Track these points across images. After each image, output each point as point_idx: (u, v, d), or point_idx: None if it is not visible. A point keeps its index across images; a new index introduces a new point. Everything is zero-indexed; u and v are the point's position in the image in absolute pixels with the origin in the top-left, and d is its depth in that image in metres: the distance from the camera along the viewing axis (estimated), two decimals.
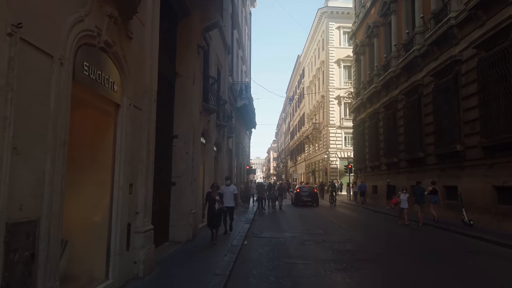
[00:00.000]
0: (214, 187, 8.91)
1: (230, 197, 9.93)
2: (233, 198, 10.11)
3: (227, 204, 9.57)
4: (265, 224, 13.77)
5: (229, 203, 9.87)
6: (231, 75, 17.53)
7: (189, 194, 8.61)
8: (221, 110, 13.60)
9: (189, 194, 8.60)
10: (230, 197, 9.96)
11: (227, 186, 10.22)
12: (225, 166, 15.70)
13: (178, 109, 8.66)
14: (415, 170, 17.30)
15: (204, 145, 11.51)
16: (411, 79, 17.51)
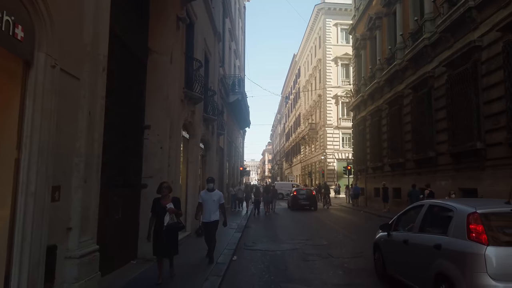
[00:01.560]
0: (164, 188, 5.44)
1: (212, 207, 6.85)
2: (217, 210, 6.93)
3: (207, 218, 6.91)
4: (259, 231, 12.08)
5: (211, 216, 6.89)
6: (222, 66, 15.87)
7: None
8: (210, 101, 11.91)
9: None
10: (213, 207, 6.85)
11: (209, 192, 6.92)
12: (214, 166, 13.99)
13: (151, 93, 6.96)
14: (424, 171, 15.73)
15: (188, 141, 9.82)
16: (419, 72, 15.96)
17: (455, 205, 4.48)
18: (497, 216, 4.09)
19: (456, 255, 4.00)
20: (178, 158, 7.98)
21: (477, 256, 3.71)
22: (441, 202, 5.19)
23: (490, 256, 3.66)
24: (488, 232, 3.82)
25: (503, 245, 3.76)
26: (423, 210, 5.11)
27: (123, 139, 6.05)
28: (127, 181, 6.30)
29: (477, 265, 3.71)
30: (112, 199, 5.63)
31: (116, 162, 5.84)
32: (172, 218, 5.33)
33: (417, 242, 4.87)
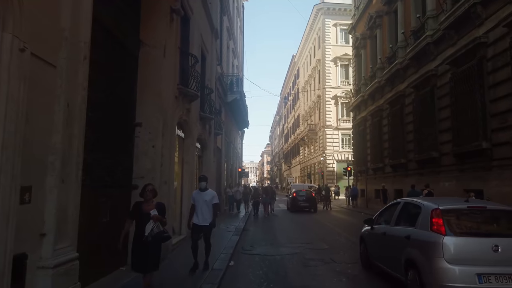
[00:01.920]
0: (148, 191, 4.71)
1: (204, 208, 6.16)
2: (211, 212, 6.22)
3: (201, 221, 6.21)
4: (258, 234, 11.66)
5: (204, 219, 6.19)
6: (220, 65, 15.48)
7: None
8: (206, 100, 11.51)
9: None
10: (205, 209, 6.16)
11: (201, 192, 6.24)
12: (212, 167, 13.58)
13: (143, 89, 6.55)
14: (427, 172, 15.34)
15: (183, 140, 9.41)
16: (422, 70, 15.59)
17: (423, 202, 5.26)
18: (455, 212, 4.84)
19: (421, 244, 4.75)
20: (172, 158, 7.57)
21: (437, 244, 4.43)
22: (413, 199, 5.90)
23: (447, 244, 4.38)
24: (447, 225, 4.56)
25: (458, 235, 4.52)
26: (399, 207, 5.93)
27: (111, 136, 5.65)
28: (116, 182, 5.88)
29: (436, 252, 4.40)
30: (99, 200, 5.22)
31: (104, 161, 5.43)
32: (157, 226, 4.51)
33: (392, 234, 5.65)
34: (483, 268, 4.26)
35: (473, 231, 4.74)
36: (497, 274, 4.21)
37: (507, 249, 4.32)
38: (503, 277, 4.19)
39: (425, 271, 4.50)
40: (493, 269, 4.26)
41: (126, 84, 6.19)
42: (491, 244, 4.34)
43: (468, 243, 4.47)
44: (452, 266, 4.29)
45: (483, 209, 4.98)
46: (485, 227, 4.85)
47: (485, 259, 4.32)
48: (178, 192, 9.24)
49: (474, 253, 4.38)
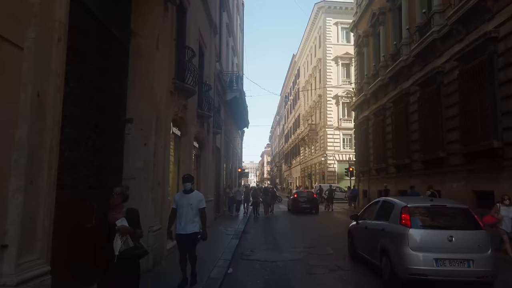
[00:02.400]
0: (115, 195, 3.84)
1: (189, 214, 5.25)
2: (197, 217, 5.32)
3: (185, 228, 5.27)
4: (258, 237, 11.15)
5: (187, 225, 5.27)
6: (219, 61, 14.98)
7: (149, 204, 5.98)
8: (205, 97, 11.01)
9: (148, 204, 5.97)
10: (190, 214, 5.25)
11: (185, 195, 5.33)
12: (210, 167, 13.07)
13: (134, 82, 6.05)
14: (433, 173, 14.83)
15: (179, 138, 8.90)
16: (428, 67, 15.08)
17: (396, 201, 6.30)
18: (420, 209, 5.89)
19: (392, 235, 5.75)
20: (166, 157, 7.06)
21: (404, 235, 5.37)
22: (390, 198, 7.01)
23: (411, 235, 5.33)
24: (412, 219, 5.52)
25: (420, 228, 5.52)
26: (378, 204, 7.00)
27: (98, 133, 5.14)
28: (104, 183, 5.37)
29: (403, 241, 5.33)
30: (82, 204, 4.71)
31: (89, 160, 4.92)
32: (125, 241, 3.43)
33: (372, 227, 6.72)
34: (439, 254, 5.21)
35: (433, 225, 5.74)
36: (451, 259, 5.18)
37: (459, 240, 5.30)
38: (455, 261, 5.18)
39: (395, 257, 5.51)
40: (447, 255, 5.20)
41: (115, 76, 5.68)
42: (447, 235, 5.31)
43: (429, 234, 5.49)
44: (415, 253, 5.24)
45: (443, 206, 6.11)
46: (443, 221, 5.79)
47: (441, 247, 5.26)
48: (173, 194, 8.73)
49: (433, 242, 5.35)
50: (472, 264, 5.14)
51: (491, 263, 5.24)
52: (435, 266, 5.13)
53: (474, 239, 5.37)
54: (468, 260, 5.16)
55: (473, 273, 5.14)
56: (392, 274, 5.48)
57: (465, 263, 5.16)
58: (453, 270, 5.13)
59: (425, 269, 5.14)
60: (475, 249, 5.26)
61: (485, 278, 5.18)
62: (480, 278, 5.17)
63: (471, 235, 5.42)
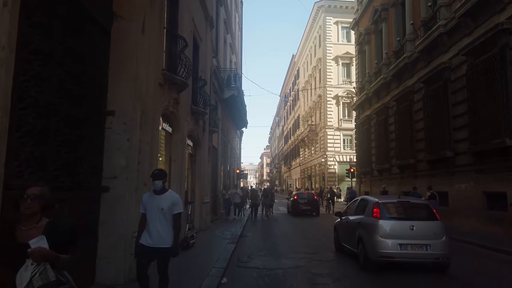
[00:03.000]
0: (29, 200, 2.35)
1: (160, 223, 4.01)
2: (170, 228, 4.05)
3: (153, 240, 4.01)
4: (256, 242, 10.48)
5: (159, 238, 4.00)
6: (215, 57, 14.35)
7: (132, 207, 5.33)
8: (200, 92, 10.38)
9: (131, 207, 5.32)
10: (162, 223, 4.01)
11: (156, 196, 4.11)
12: (206, 167, 12.42)
13: (116, 70, 5.41)
14: (439, 173, 14.21)
15: (171, 135, 8.25)
16: (433, 63, 14.48)
17: (370, 198, 7.62)
18: (388, 204, 7.01)
19: (366, 225, 6.83)
20: (154, 155, 6.42)
21: (374, 225, 6.52)
22: (366, 197, 8.86)
23: (381, 225, 6.47)
24: (381, 212, 6.66)
25: (388, 219, 6.63)
26: (357, 202, 8.24)
27: (71, 125, 4.50)
28: (79, 183, 4.73)
29: (374, 230, 6.47)
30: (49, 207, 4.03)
31: (60, 156, 4.28)
32: (42, 272, 2.16)
33: (351, 221, 7.75)
34: (403, 240, 6.33)
35: (398, 217, 6.86)
36: (412, 244, 6.32)
37: (418, 228, 6.44)
38: (415, 246, 6.32)
39: (367, 243, 6.59)
40: (409, 241, 6.33)
41: (93, 62, 5.04)
42: (409, 225, 6.45)
43: (394, 224, 6.64)
44: (384, 239, 6.36)
45: (407, 202, 7.46)
46: (406, 214, 6.92)
47: (404, 235, 6.39)
48: None
49: (397, 230, 6.49)
50: (429, 248, 6.34)
51: (446, 247, 6.40)
52: (399, 250, 6.31)
53: (431, 228, 6.56)
54: (426, 245, 6.36)
55: (430, 256, 6.35)
56: (365, 257, 6.64)
57: (424, 247, 6.35)
58: (414, 253, 6.32)
59: (391, 253, 6.32)
60: (432, 236, 6.43)
61: (440, 260, 6.34)
62: (436, 259, 6.35)
63: (429, 225, 6.62)
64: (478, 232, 11.01)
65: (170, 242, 4.04)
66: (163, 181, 4.12)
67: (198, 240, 9.37)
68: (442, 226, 6.63)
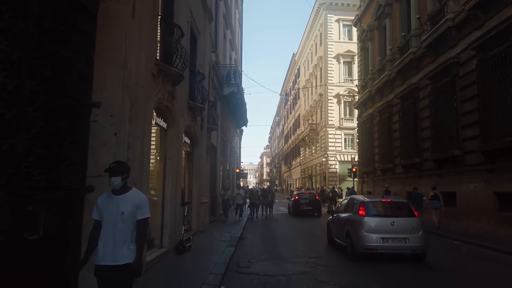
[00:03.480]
0: None
1: (120, 232, 3.07)
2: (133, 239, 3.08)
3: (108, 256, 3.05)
4: (257, 245, 9.96)
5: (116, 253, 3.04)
6: (214, 52, 13.82)
7: None
8: (198, 87, 9.85)
9: None
10: (121, 232, 3.06)
11: (114, 196, 3.24)
12: (204, 166, 11.90)
13: (102, 57, 4.88)
14: (446, 173, 13.69)
15: (166, 131, 7.73)
16: (440, 59, 13.96)
17: (358, 198, 8.63)
18: (372, 203, 8.02)
19: (353, 222, 7.72)
20: (145, 152, 5.90)
21: (360, 221, 7.44)
22: (354, 196, 9.92)
23: (366, 221, 7.38)
24: (366, 210, 7.61)
25: (372, 216, 7.52)
26: (347, 201, 9.13)
27: (51, 117, 3.97)
28: (59, 182, 4.19)
29: (360, 226, 7.38)
30: (21, 210, 3.53)
31: (33, 151, 3.74)
32: None
33: (341, 218, 8.57)
34: (385, 234, 7.13)
35: (381, 214, 7.73)
36: (393, 237, 7.13)
37: (398, 224, 7.25)
38: (396, 239, 7.13)
39: (354, 238, 7.38)
40: (390, 235, 7.13)
41: (76, 47, 4.50)
42: (390, 221, 7.28)
43: (377, 221, 7.38)
44: (368, 234, 7.15)
45: (389, 201, 8.38)
46: (388, 211, 7.87)
47: (386, 230, 7.18)
48: (158, 196, 7.57)
49: (380, 226, 7.26)
50: (408, 241, 7.18)
51: (422, 240, 7.22)
52: (382, 243, 7.15)
53: (409, 223, 7.38)
54: (405, 238, 7.19)
55: (409, 248, 7.19)
56: (353, 250, 7.48)
57: (403, 240, 7.19)
58: (395, 245, 7.17)
59: (375, 245, 7.14)
60: (410, 231, 7.25)
61: (417, 251, 7.20)
62: (414, 251, 7.21)
63: (408, 221, 7.44)
64: (488, 234, 10.51)
65: (132, 257, 3.06)
66: (122, 177, 3.22)
67: (195, 242, 8.86)
68: (419, 221, 7.50)
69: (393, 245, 7.13)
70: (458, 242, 10.25)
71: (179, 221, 7.96)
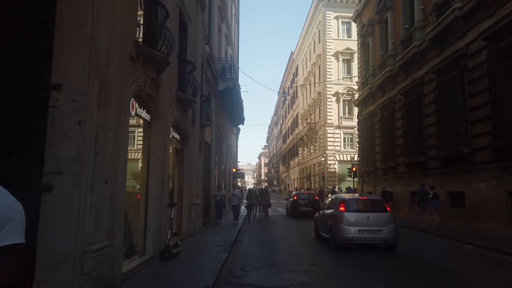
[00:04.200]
0: None
1: None
2: None
3: None
4: (252, 250, 9.16)
5: None
6: (208, 44, 13.02)
7: (85, 211, 4.00)
8: (188, 78, 9.05)
9: (83, 211, 3.99)
10: None
11: None
12: (196, 164, 11.08)
13: (64, 30, 4.08)
14: (454, 172, 12.92)
15: (149, 124, 6.92)
16: (447, 51, 13.21)
17: (340, 196, 10.47)
18: (351, 200, 9.37)
19: (335, 216, 8.89)
20: (122, 145, 5.09)
21: (340, 216, 8.61)
22: (337, 195, 11.61)
23: (345, 216, 8.56)
24: (346, 206, 8.87)
25: (350, 211, 8.74)
26: (331, 199, 10.47)
27: None
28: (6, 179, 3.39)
29: (340, 220, 8.54)
30: None
31: None
32: None
33: (326, 214, 9.82)
34: (361, 227, 8.35)
35: (358, 209, 8.90)
36: (368, 229, 8.35)
37: (373, 218, 8.47)
38: (370, 231, 8.35)
39: (336, 230, 8.56)
40: (366, 228, 8.36)
41: (33, 16, 3.71)
42: (366, 215, 8.55)
43: (355, 215, 8.64)
44: (347, 227, 8.37)
45: (366, 198, 9.77)
46: (364, 207, 9.02)
47: (362, 223, 8.41)
48: (142, 196, 6.76)
49: (357, 220, 8.49)
50: (380, 232, 8.24)
51: (393, 232, 8.32)
52: (358, 234, 8.20)
53: (382, 218, 8.44)
54: (378, 230, 8.25)
55: (381, 238, 8.32)
56: (334, 241, 8.56)
57: (376, 232, 8.24)
58: (369, 236, 8.25)
59: (353, 236, 8.19)
60: (382, 224, 8.32)
61: (389, 241, 8.33)
62: (386, 241, 8.35)
63: (381, 215, 8.51)
64: (501, 236, 9.76)
65: None
66: None
67: (185, 247, 8.06)
68: (391, 216, 8.70)
69: (368, 236, 8.29)
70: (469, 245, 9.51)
71: (165, 224, 7.15)
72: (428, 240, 10.93)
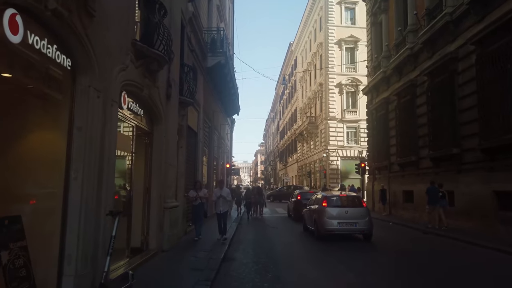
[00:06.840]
0: None
1: None
2: None
3: None
4: (248, 276, 6.34)
5: None
6: (192, 2, 10.16)
7: None
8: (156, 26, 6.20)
9: None
10: None
11: None
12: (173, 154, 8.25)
13: None
14: (500, 167, 10.14)
15: (71, 76, 4.06)
16: (493, 15, 10.40)
17: (323, 193, 11.61)
18: (332, 197, 10.74)
19: (319, 211, 10.21)
20: None
21: (323, 211, 9.97)
22: (321, 192, 12.51)
23: (327, 211, 9.92)
24: (328, 202, 10.24)
25: (331, 207, 10.11)
26: (316, 196, 11.85)
27: None
28: None
29: (323, 214, 9.91)
30: None
31: None
32: None
33: (311, 209, 11.16)
34: (341, 220, 9.77)
35: (338, 205, 10.33)
36: (346, 222, 9.76)
37: (351, 212, 9.92)
38: (348, 224, 9.77)
39: (319, 223, 9.98)
40: (344, 220, 9.77)
41: None
42: (345, 210, 9.97)
43: (336, 210, 10.01)
44: (329, 220, 9.77)
45: (346, 195, 11.28)
46: (344, 203, 10.47)
47: (342, 217, 9.84)
48: (53, 200, 3.94)
49: (337, 214, 9.89)
50: (357, 224, 9.80)
51: (368, 224, 9.87)
52: (338, 226, 9.73)
53: (359, 212, 10.02)
54: (355, 222, 9.80)
55: (358, 230, 9.92)
56: (318, 232, 10.08)
57: (354, 224, 9.80)
58: (348, 228, 9.81)
59: (333, 228, 9.73)
60: (359, 217, 9.88)
61: (364, 232, 9.93)
62: (362, 232, 9.97)
63: (358, 210, 10.09)
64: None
65: None
66: None
67: (143, 277, 5.27)
68: (367, 210, 10.32)
69: (347, 228, 9.72)
70: None
71: (102, 245, 4.33)
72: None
